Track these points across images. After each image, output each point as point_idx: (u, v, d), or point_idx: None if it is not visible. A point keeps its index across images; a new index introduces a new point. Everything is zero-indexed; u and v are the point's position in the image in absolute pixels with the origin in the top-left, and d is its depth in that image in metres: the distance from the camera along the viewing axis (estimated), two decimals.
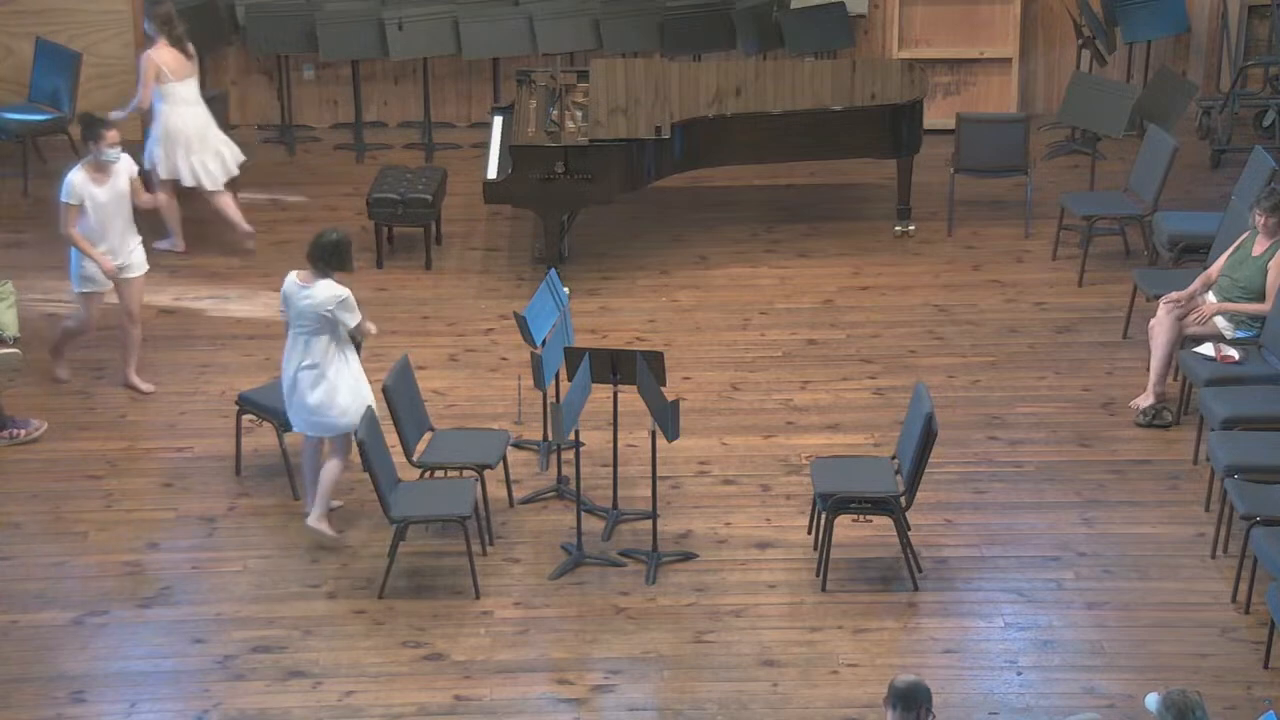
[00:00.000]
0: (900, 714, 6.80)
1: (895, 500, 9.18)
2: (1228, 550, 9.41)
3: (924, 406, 9.07)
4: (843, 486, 9.23)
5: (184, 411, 11.02)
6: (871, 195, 13.99)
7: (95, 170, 10.79)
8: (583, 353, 9.37)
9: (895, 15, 15.33)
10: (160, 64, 12.60)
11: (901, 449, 9.42)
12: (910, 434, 9.27)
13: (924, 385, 9.37)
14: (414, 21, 14.79)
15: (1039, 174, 13.83)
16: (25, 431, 10.61)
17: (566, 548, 9.53)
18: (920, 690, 6.79)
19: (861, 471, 9.48)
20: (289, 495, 10.09)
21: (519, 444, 10.48)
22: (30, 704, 8.39)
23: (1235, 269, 10.65)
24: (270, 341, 11.72)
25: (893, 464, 9.48)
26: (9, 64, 14.98)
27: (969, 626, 9.00)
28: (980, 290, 12.56)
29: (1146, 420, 10.75)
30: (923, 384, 9.43)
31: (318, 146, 15.28)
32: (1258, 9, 15.29)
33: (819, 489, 9.28)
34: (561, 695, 8.50)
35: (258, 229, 13.38)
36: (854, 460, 9.80)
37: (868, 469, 9.53)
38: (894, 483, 9.28)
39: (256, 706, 8.39)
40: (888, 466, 9.48)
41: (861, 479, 9.35)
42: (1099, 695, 8.42)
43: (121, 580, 9.35)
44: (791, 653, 8.74)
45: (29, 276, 12.60)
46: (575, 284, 11.66)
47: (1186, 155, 13.78)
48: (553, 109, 12.83)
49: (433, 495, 9.41)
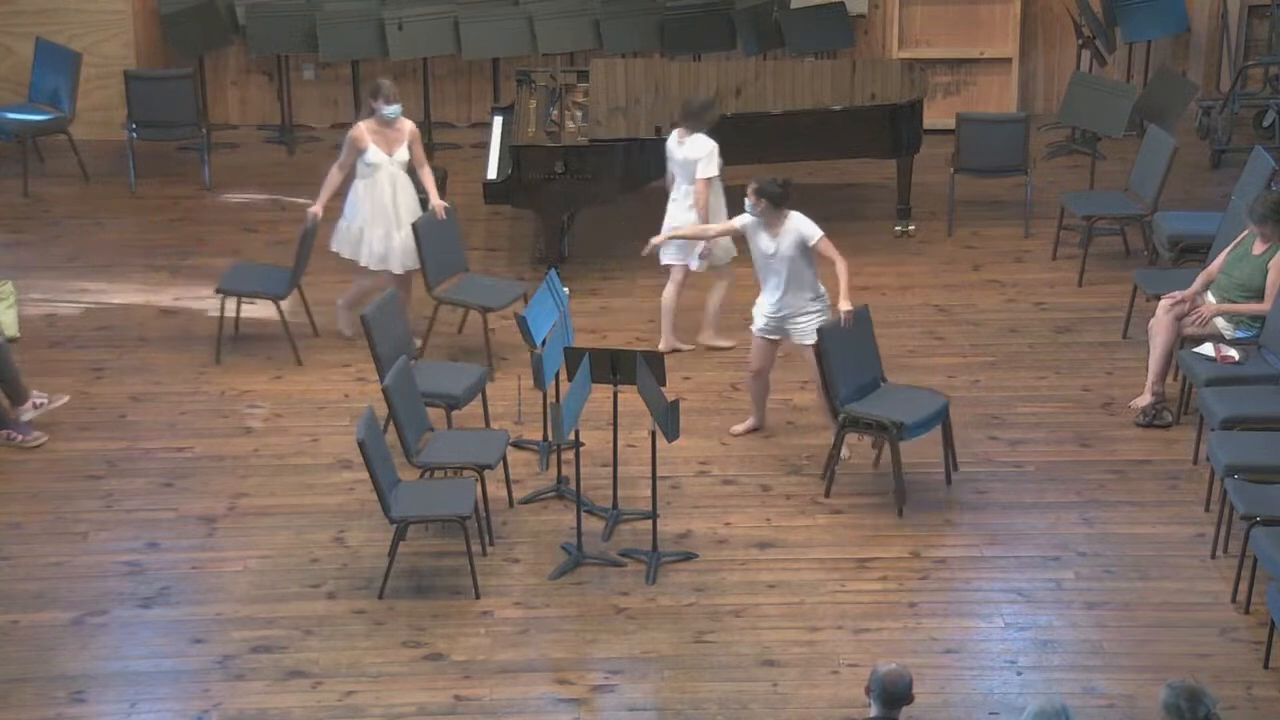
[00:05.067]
0: (882, 710, 6.83)
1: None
2: (1228, 550, 9.41)
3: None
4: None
5: (184, 411, 11.03)
6: (871, 195, 13.99)
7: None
8: (583, 353, 9.37)
9: (895, 15, 15.34)
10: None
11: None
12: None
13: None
14: (414, 21, 14.80)
15: (1039, 174, 13.83)
16: (24, 438, 10.59)
17: (566, 548, 9.53)
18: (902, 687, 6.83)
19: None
20: (290, 495, 10.09)
21: (519, 444, 10.48)
22: (30, 704, 8.39)
23: (1234, 267, 10.65)
24: (270, 341, 11.73)
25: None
26: (9, 64, 14.99)
27: (969, 626, 8.99)
28: (980, 290, 12.57)
29: (1146, 420, 10.75)
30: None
31: (318, 146, 15.29)
32: (1258, 9, 15.30)
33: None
34: (561, 695, 8.49)
35: (258, 229, 13.41)
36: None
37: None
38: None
39: (256, 706, 8.38)
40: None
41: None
42: (1099, 695, 8.42)
43: (121, 580, 9.35)
44: (791, 653, 8.74)
45: (29, 276, 12.61)
46: (575, 284, 11.66)
47: (1186, 155, 13.79)
48: (553, 109, 12.83)
49: (433, 495, 9.41)
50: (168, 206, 14.10)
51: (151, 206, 14.10)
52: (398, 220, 11.38)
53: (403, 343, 10.37)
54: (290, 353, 11.50)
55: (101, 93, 14.93)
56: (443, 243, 11.39)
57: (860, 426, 9.99)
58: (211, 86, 15.50)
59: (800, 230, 10.17)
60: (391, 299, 10.52)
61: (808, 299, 10.29)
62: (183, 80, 14.34)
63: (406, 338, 10.56)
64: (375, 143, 11.31)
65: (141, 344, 11.87)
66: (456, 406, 10.21)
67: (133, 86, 14.29)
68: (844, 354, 10.02)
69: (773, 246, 10.20)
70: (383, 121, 11.30)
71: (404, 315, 10.75)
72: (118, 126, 14.59)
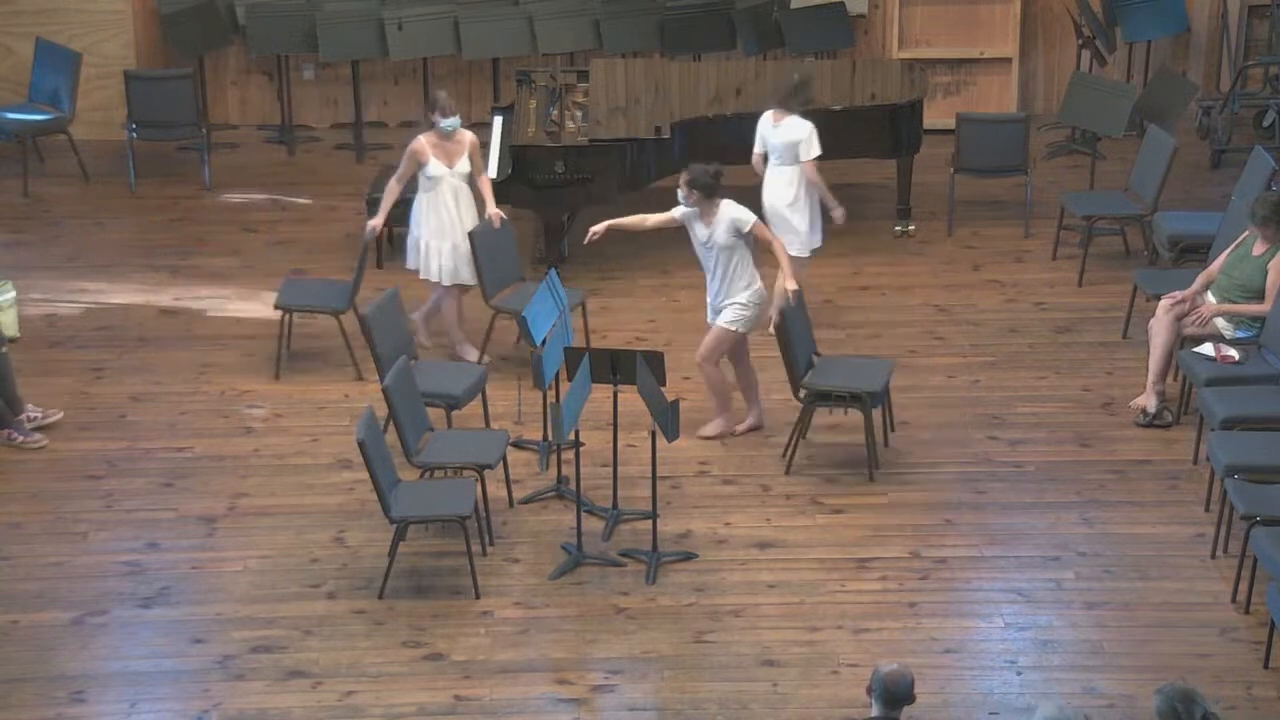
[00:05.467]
0: (883, 710, 6.83)
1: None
2: (1228, 550, 9.41)
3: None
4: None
5: (184, 411, 11.03)
6: (871, 195, 13.99)
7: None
8: (583, 353, 9.37)
9: (895, 15, 15.34)
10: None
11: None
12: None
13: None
14: (414, 21, 14.80)
15: (1039, 174, 13.84)
16: (25, 439, 10.59)
17: (566, 548, 9.53)
18: (904, 687, 6.83)
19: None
20: (290, 495, 10.09)
21: (519, 444, 10.48)
22: (30, 704, 8.38)
23: (1235, 268, 10.65)
24: (270, 341, 11.73)
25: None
26: (9, 64, 14.99)
27: (969, 626, 8.99)
28: (980, 290, 12.57)
29: (1146, 420, 10.75)
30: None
31: (318, 146, 15.30)
32: (1258, 9, 15.31)
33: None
34: (561, 695, 8.49)
35: (258, 229, 13.41)
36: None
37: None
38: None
39: (256, 706, 8.38)
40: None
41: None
42: (1099, 695, 8.42)
43: (121, 580, 9.35)
44: (791, 653, 8.74)
45: (29, 276, 12.61)
46: (575, 284, 11.66)
47: (1186, 155, 13.79)
48: (553, 109, 12.83)
49: (433, 495, 9.41)
50: (168, 206, 14.11)
51: (151, 206, 14.10)
52: (463, 233, 11.34)
53: (403, 343, 10.37)
54: (351, 367, 11.36)
55: (101, 93, 14.93)
56: (499, 252, 11.32)
57: (831, 400, 10.15)
58: (211, 86, 15.51)
59: (733, 217, 10.27)
60: (391, 298, 10.51)
61: (742, 287, 10.39)
62: (183, 80, 14.33)
63: (407, 337, 10.55)
64: (436, 155, 11.26)
65: (141, 344, 11.86)
66: (456, 406, 10.21)
67: (133, 86, 14.29)
68: (798, 333, 10.29)
69: (707, 235, 10.32)
70: (442, 134, 11.27)
71: (404, 315, 10.74)
72: (118, 126, 14.59)
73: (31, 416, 10.65)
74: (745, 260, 10.38)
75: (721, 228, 10.28)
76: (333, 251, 13.15)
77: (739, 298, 10.39)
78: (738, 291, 10.39)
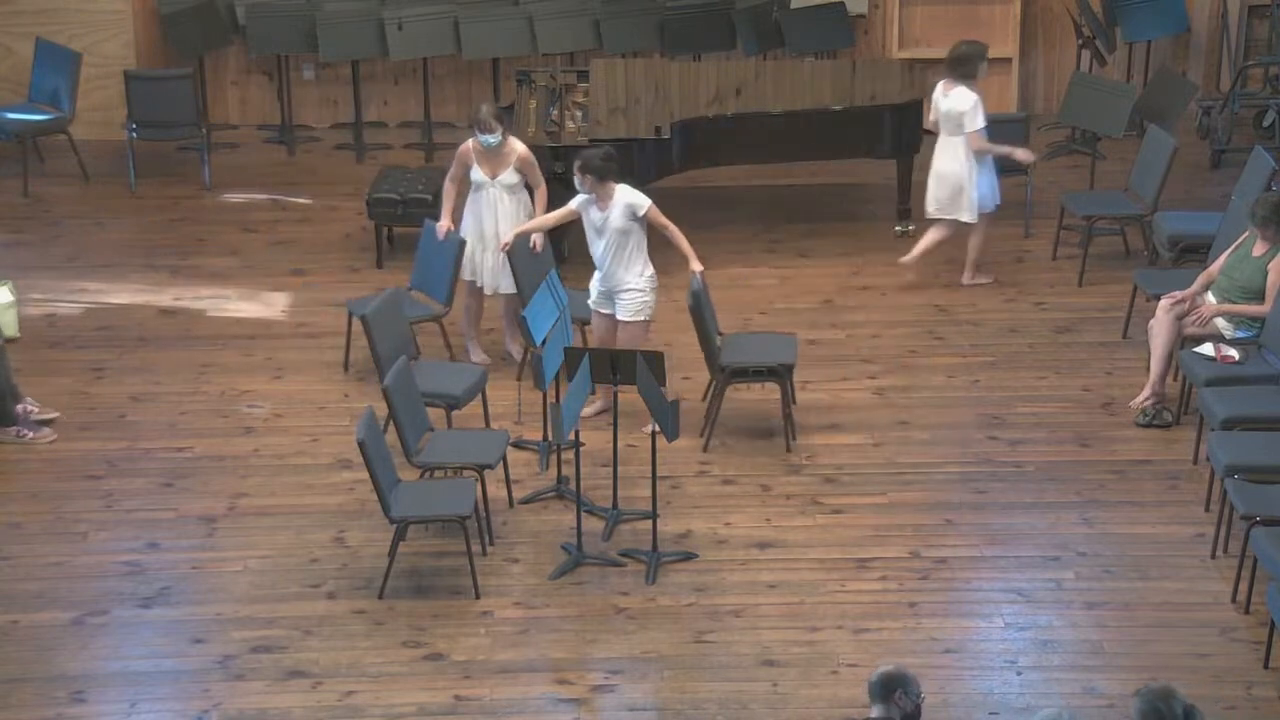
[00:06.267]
0: (880, 706, 6.84)
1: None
2: (1228, 550, 9.41)
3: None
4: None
5: (184, 411, 11.03)
6: (871, 195, 13.99)
7: None
8: (583, 353, 9.38)
9: (895, 15, 15.35)
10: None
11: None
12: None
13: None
14: (414, 22, 14.80)
15: (1039, 174, 13.83)
16: (34, 435, 10.60)
17: (566, 548, 9.53)
18: (892, 678, 6.83)
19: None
20: (290, 495, 10.09)
21: (519, 444, 10.48)
22: (30, 704, 8.39)
23: (1235, 268, 10.65)
24: (270, 342, 11.73)
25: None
26: (9, 64, 14.99)
27: (969, 626, 8.99)
28: (980, 290, 12.56)
29: (1146, 420, 10.75)
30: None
31: (318, 146, 15.30)
32: (1258, 9, 15.30)
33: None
34: (561, 695, 8.49)
35: (258, 229, 13.39)
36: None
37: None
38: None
39: (256, 706, 8.38)
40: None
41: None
42: (1099, 695, 8.42)
43: (121, 580, 9.35)
44: (791, 653, 8.74)
45: (29, 276, 12.61)
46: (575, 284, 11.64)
47: (1186, 155, 13.79)
48: (553, 109, 12.83)
49: (433, 495, 9.41)
50: (168, 206, 14.10)
51: (151, 206, 14.10)
52: (498, 243, 11.30)
53: (403, 343, 10.37)
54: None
55: (101, 93, 14.93)
56: (535, 260, 11.14)
57: (749, 376, 10.47)
58: (211, 86, 15.51)
59: (627, 201, 10.34)
60: (391, 298, 10.51)
61: (635, 273, 10.41)
62: (183, 80, 14.33)
63: (406, 338, 10.55)
64: (479, 163, 11.27)
65: (141, 344, 11.86)
66: (456, 406, 10.22)
67: (133, 86, 14.28)
68: (709, 313, 10.42)
69: (602, 219, 10.39)
70: (483, 147, 11.24)
71: (404, 315, 10.74)
72: (118, 126, 14.59)
73: (21, 433, 10.64)
74: (640, 245, 10.43)
75: (617, 211, 10.34)
76: (333, 251, 13.15)
77: (636, 283, 10.43)
78: (633, 277, 10.42)
